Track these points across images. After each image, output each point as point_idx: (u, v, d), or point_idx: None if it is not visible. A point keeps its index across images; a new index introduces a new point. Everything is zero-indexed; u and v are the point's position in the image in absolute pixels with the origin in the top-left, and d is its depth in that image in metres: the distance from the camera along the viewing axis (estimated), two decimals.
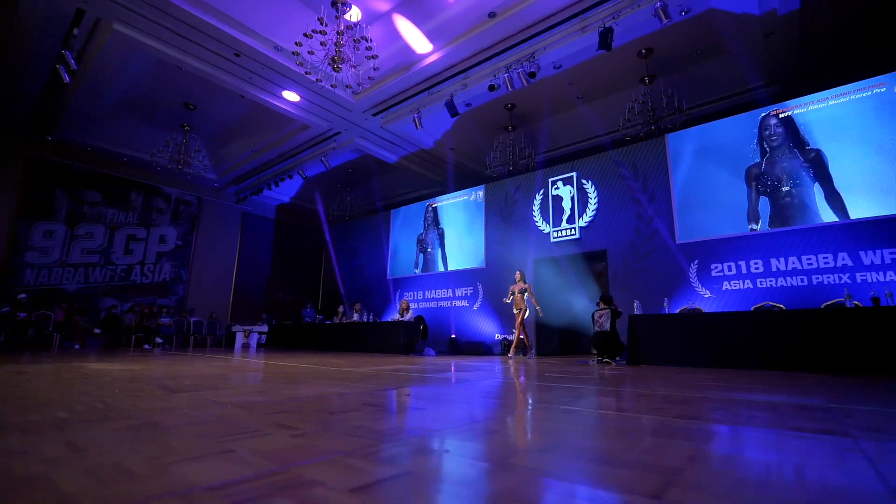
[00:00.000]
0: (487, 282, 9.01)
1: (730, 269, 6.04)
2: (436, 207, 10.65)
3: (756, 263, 5.86)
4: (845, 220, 5.49)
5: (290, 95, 8.18)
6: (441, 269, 10.08)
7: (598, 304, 5.95)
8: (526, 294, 7.05)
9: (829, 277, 5.47)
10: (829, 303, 5.39)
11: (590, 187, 7.56)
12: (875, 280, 5.12)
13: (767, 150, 6.33)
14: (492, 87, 7.01)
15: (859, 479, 0.94)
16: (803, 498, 0.81)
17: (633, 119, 7.72)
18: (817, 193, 5.91)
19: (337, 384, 2.66)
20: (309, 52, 6.00)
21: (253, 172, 11.75)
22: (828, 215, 5.79)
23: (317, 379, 2.95)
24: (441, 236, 10.36)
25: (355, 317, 9.31)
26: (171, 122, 9.90)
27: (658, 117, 7.50)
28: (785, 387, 2.81)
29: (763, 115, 6.51)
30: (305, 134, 9.82)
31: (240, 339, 9.96)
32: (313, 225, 15.13)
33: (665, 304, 5.93)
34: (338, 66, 5.93)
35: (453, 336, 8.82)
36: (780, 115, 6.47)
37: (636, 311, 5.75)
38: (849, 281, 5.29)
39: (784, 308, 5.20)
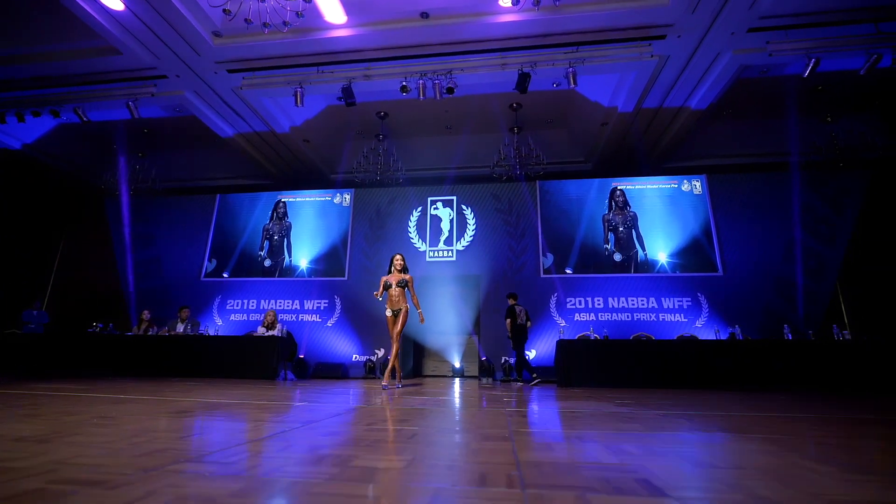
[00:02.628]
0: (348, 295, 8.07)
1: (581, 304, 7.27)
2: (286, 203, 9.02)
3: (598, 300, 7.25)
4: (654, 274, 7.46)
5: None
6: (288, 274, 8.51)
7: (512, 300, 6.43)
8: (407, 289, 4.93)
9: (643, 315, 7.25)
10: (636, 334, 7.08)
11: (469, 214, 7.85)
12: (672, 320, 7.08)
13: (614, 206, 8.05)
14: (404, 89, 6.53)
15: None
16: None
17: (502, 162, 8.49)
18: (637, 246, 7.88)
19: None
20: None
21: None
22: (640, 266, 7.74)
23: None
24: (286, 234, 8.79)
25: (179, 328, 6.73)
26: None
27: (524, 164, 8.48)
28: (640, 399, 3.44)
29: (614, 184, 8.27)
30: (108, 62, 6.87)
31: None
32: (69, 190, 10.61)
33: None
34: None
35: (301, 357, 7.42)
36: (619, 187, 8.35)
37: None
38: (655, 318, 7.15)
39: (653, 337, 6.58)
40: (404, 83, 6.52)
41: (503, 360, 7.18)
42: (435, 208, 8.17)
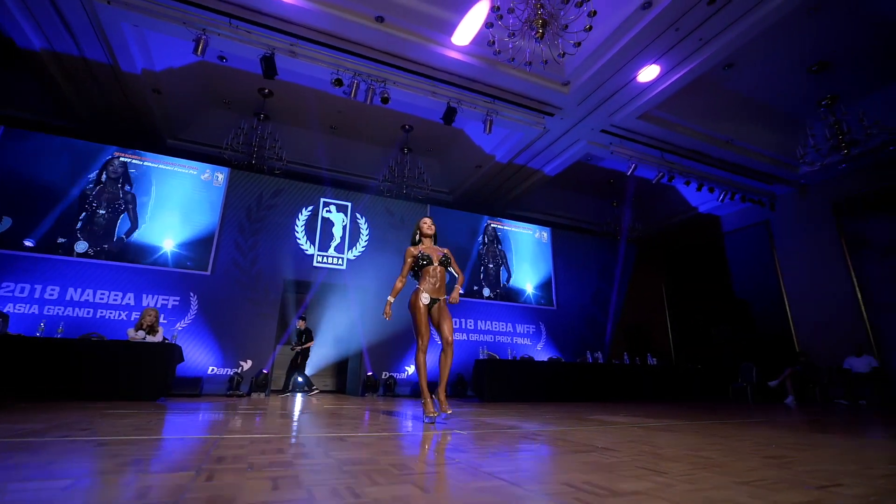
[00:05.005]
0: (208, 293, 6.48)
1: (458, 323, 7.88)
2: (126, 164, 6.66)
3: (471, 322, 8.04)
4: (512, 303, 8.82)
5: None
6: (123, 258, 6.22)
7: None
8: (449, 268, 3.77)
9: (502, 337, 8.43)
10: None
11: (363, 224, 7.53)
12: (522, 343, 8.47)
13: (486, 242, 9.10)
14: (338, 82, 6.08)
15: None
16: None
17: (390, 178, 8.66)
18: (503, 275, 9.15)
19: None
20: None
21: None
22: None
23: None
24: (125, 205, 6.50)
25: None
26: None
27: (410, 184, 8.85)
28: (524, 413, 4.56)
29: (488, 221, 9.34)
30: None
31: None
32: None
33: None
34: None
35: None
36: (492, 225, 9.56)
37: None
38: (510, 341, 8.41)
39: (497, 357, 7.50)
40: (338, 77, 6.09)
41: (385, 375, 7.13)
42: (328, 211, 7.56)
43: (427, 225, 3.73)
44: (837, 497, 1.28)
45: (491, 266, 9.28)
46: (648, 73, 6.60)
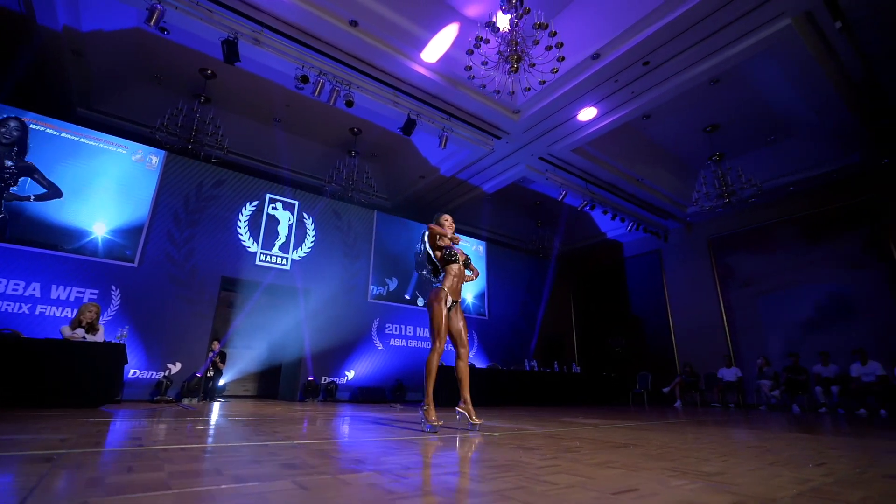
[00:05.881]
0: (134, 287, 5.70)
1: (397, 329, 7.91)
2: (27, 126, 5.59)
3: (409, 329, 8.12)
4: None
5: None
6: (22, 241, 5.16)
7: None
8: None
9: (428, 343, 8.68)
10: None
11: (310, 224, 7.22)
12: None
13: (424, 251, 9.28)
14: (304, 79, 5.92)
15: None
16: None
17: (336, 180, 8.54)
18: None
19: None
20: None
21: None
22: None
23: None
24: (36, 174, 5.45)
25: None
26: None
27: (357, 188, 8.80)
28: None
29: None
30: None
31: None
32: None
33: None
34: None
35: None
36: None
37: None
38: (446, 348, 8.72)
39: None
40: (304, 73, 5.94)
41: (326, 380, 6.91)
42: (273, 208, 7.13)
43: (449, 222, 3.53)
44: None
45: (425, 273, 9.53)
46: (587, 113, 7.48)
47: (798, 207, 9.55)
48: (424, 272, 3.78)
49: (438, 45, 6.37)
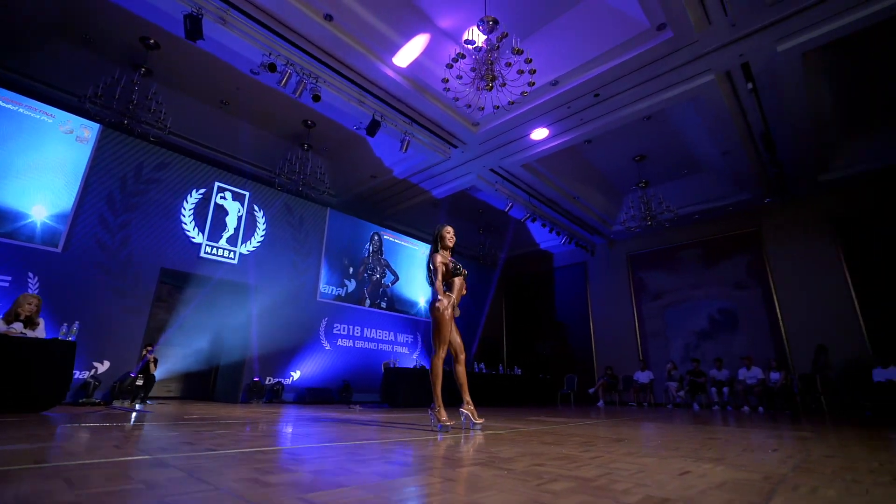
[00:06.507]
0: (55, 276, 4.93)
1: (344, 330, 7.73)
2: None
3: (357, 329, 7.99)
4: (394, 313, 9.12)
5: None
6: None
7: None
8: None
9: (385, 346, 8.63)
10: (385, 361, 8.48)
11: (261, 217, 6.80)
12: (402, 352, 8.83)
13: (372, 251, 9.20)
14: (272, 67, 5.68)
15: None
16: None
17: (287, 174, 8.24)
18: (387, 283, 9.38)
19: None
20: None
21: None
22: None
23: None
24: None
25: None
26: None
27: (308, 183, 8.55)
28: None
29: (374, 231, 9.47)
30: None
31: None
32: None
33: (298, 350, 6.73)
34: None
35: None
36: (378, 234, 9.73)
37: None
38: (391, 349, 8.69)
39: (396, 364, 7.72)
40: (272, 61, 5.72)
41: (271, 381, 6.56)
42: (222, 197, 6.61)
43: (450, 235, 3.72)
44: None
45: (375, 276, 9.53)
46: (539, 133, 8.05)
47: (700, 233, 11.07)
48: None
49: (409, 52, 6.49)
